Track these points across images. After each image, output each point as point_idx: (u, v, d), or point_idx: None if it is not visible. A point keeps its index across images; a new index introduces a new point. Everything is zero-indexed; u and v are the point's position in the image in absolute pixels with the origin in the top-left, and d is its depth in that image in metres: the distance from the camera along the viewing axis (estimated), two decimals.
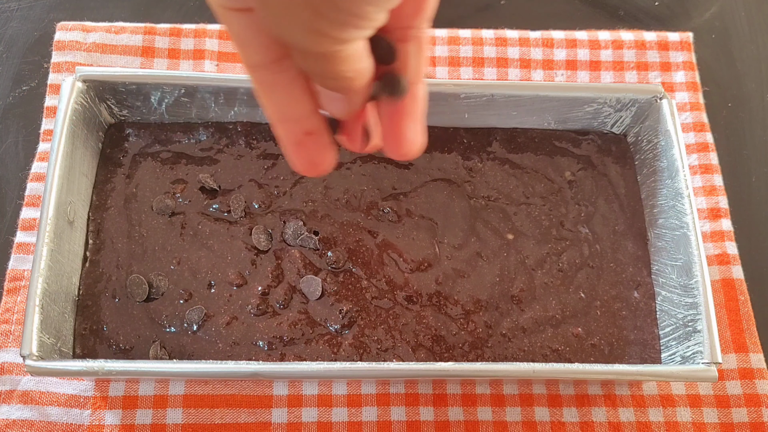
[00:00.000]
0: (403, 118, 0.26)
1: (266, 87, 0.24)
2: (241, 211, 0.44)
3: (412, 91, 0.25)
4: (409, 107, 0.26)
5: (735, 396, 0.43)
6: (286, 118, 0.25)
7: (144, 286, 0.42)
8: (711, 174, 0.50)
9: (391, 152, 0.27)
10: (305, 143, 0.26)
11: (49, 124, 0.49)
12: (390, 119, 0.26)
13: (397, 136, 0.26)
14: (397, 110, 0.26)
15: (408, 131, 0.26)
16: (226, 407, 0.42)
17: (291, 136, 0.26)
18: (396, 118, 0.26)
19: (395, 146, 0.27)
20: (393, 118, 0.26)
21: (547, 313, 0.43)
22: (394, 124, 0.26)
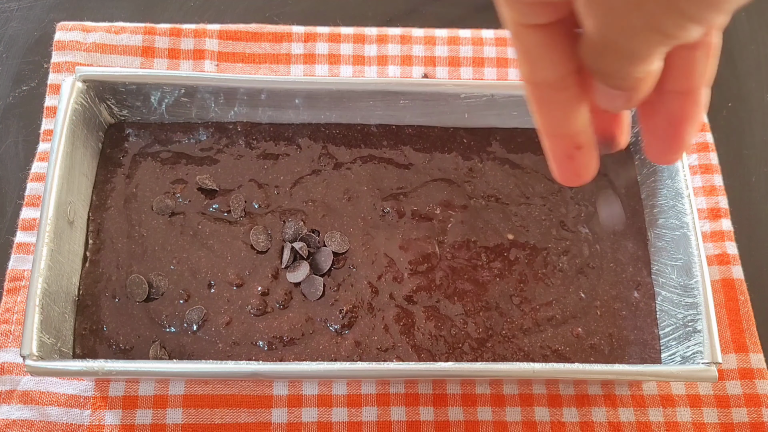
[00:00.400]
0: (686, 122, 0.25)
1: (546, 103, 0.25)
2: (241, 211, 0.44)
3: (697, 97, 0.25)
4: (692, 112, 0.25)
5: (735, 396, 0.43)
6: (560, 133, 0.26)
7: (144, 286, 0.42)
8: (711, 174, 0.50)
9: (657, 155, 0.27)
10: (575, 157, 0.26)
11: (49, 124, 0.49)
12: (669, 124, 0.26)
13: (676, 141, 0.26)
14: (679, 116, 0.25)
15: (687, 136, 0.26)
16: (226, 407, 0.42)
17: (561, 151, 0.26)
18: (677, 123, 0.25)
19: (668, 150, 0.26)
20: (673, 123, 0.25)
21: (547, 313, 0.43)
22: (675, 129, 0.25)
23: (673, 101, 0.25)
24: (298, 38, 0.53)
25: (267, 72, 0.52)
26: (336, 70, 0.52)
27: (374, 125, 0.47)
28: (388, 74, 0.52)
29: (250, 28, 0.53)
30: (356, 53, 0.53)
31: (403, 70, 0.53)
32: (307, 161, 0.46)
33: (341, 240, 0.43)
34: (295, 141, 0.46)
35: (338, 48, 0.53)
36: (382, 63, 0.53)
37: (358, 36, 0.54)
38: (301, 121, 0.47)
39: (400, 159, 0.46)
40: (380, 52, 0.53)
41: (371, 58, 0.53)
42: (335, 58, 0.53)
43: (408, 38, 0.54)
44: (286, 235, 0.43)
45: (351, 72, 0.52)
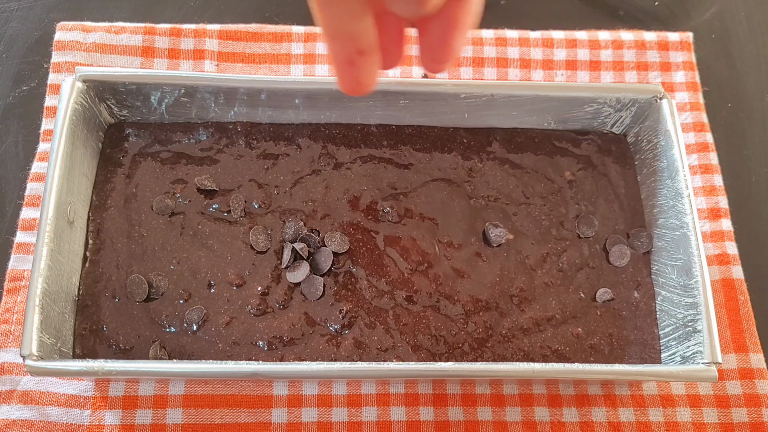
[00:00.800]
0: (456, 30, 0.26)
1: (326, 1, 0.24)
2: (241, 211, 0.44)
3: (469, 4, 0.25)
4: (463, 19, 0.26)
5: (735, 396, 0.43)
6: (342, 34, 0.25)
7: (144, 286, 0.42)
8: (711, 174, 0.50)
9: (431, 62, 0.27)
10: (357, 63, 0.26)
11: (49, 124, 0.49)
12: (442, 29, 0.26)
13: (445, 47, 0.26)
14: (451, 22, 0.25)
15: (456, 42, 0.26)
16: (226, 407, 0.42)
17: (344, 55, 0.26)
18: (449, 30, 0.26)
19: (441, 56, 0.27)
20: (446, 29, 0.26)
21: (547, 313, 0.43)
22: (446, 35, 0.26)
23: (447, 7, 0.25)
24: (298, 38, 0.53)
25: (267, 72, 0.52)
26: None
27: (374, 125, 0.47)
28: (388, 74, 0.52)
29: (250, 28, 0.53)
30: None
31: (403, 70, 0.53)
32: (307, 161, 0.46)
33: (341, 240, 0.43)
34: (295, 141, 0.46)
35: None
36: None
37: None
38: (301, 121, 0.47)
39: (400, 159, 0.46)
40: None
41: None
42: None
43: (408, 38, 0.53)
44: (286, 235, 0.43)
45: None
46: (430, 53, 0.27)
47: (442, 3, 0.25)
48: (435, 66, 0.27)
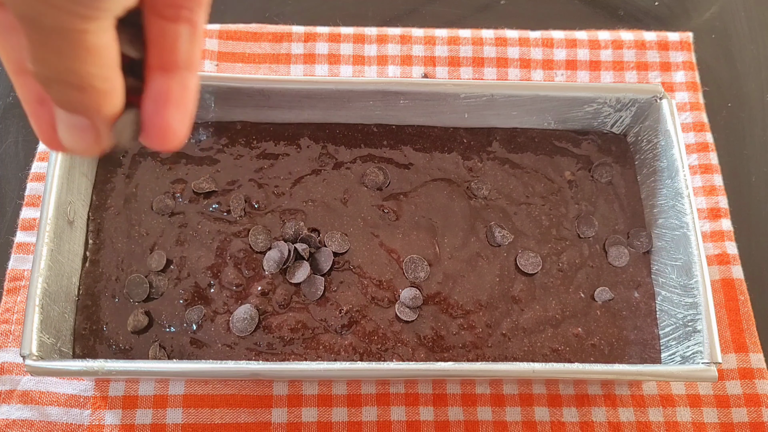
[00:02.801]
0: (168, 105, 0.23)
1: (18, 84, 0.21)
2: (241, 211, 0.44)
3: (181, 78, 0.23)
4: (178, 95, 0.23)
5: (735, 396, 0.43)
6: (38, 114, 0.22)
7: (144, 285, 0.42)
8: (711, 174, 0.50)
9: (151, 142, 0.24)
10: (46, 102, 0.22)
11: None
12: (154, 107, 0.23)
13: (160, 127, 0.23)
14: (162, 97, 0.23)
15: (172, 120, 0.23)
16: (226, 407, 0.42)
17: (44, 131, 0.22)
18: (160, 106, 0.23)
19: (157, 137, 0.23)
20: (157, 106, 0.23)
21: (547, 313, 0.43)
22: (158, 113, 0.23)
23: (157, 79, 0.22)
24: (298, 38, 0.53)
25: (267, 72, 0.52)
26: (336, 70, 0.52)
27: (374, 125, 0.47)
28: (388, 74, 0.52)
29: (250, 28, 0.53)
30: (356, 53, 0.53)
31: (403, 70, 0.53)
32: (307, 161, 0.46)
33: (341, 240, 0.43)
34: (295, 141, 0.46)
35: (338, 48, 0.53)
36: (382, 63, 0.53)
37: (358, 36, 0.54)
38: (301, 121, 0.47)
39: (400, 159, 0.46)
40: (380, 52, 0.53)
41: (371, 58, 0.53)
42: (335, 58, 0.53)
43: (408, 38, 0.54)
44: (286, 235, 0.43)
45: (351, 72, 0.52)
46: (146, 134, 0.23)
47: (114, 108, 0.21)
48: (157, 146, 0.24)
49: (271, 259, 0.42)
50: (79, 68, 0.18)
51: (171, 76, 0.22)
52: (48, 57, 0.18)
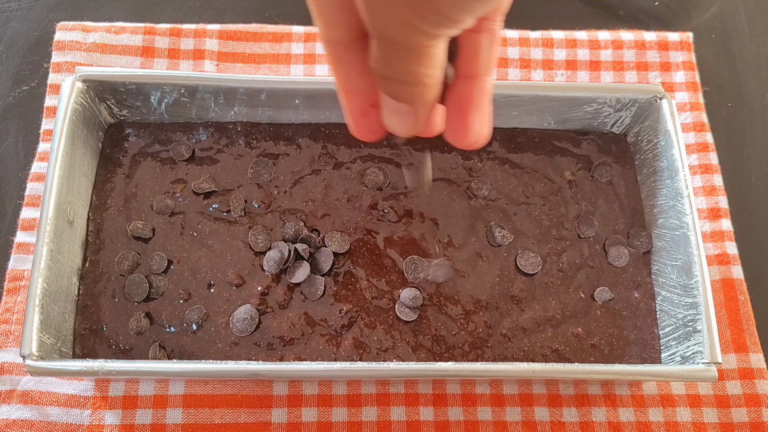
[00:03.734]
0: (470, 108, 0.26)
1: (339, 62, 0.26)
2: (241, 211, 0.44)
3: (481, 83, 0.26)
4: (477, 98, 0.26)
5: (735, 396, 0.43)
6: (354, 91, 0.27)
7: (144, 285, 0.42)
8: (711, 174, 0.50)
9: (455, 141, 0.28)
10: (369, 114, 0.27)
11: (49, 124, 0.49)
12: (457, 109, 0.27)
13: (463, 127, 0.27)
14: (465, 101, 0.26)
15: (474, 122, 0.27)
16: (226, 407, 0.42)
17: (356, 107, 0.28)
18: (463, 109, 0.26)
19: (460, 136, 0.28)
20: (460, 109, 0.26)
21: (547, 313, 0.43)
22: (461, 115, 0.27)
23: (460, 86, 0.26)
24: (298, 38, 0.53)
25: (267, 72, 0.52)
26: None
27: None
28: None
29: (250, 28, 0.53)
30: None
31: None
32: (307, 161, 0.46)
33: (341, 240, 0.43)
34: (295, 141, 0.46)
35: None
36: None
37: None
38: (301, 121, 0.47)
39: (400, 159, 0.46)
40: None
41: None
42: None
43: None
44: (286, 235, 0.43)
45: None
46: (449, 132, 0.28)
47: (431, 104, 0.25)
48: (459, 144, 0.28)
49: (271, 259, 0.42)
50: (416, 70, 0.23)
51: (472, 81, 0.26)
52: (392, 62, 0.23)
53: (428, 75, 0.23)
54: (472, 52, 0.25)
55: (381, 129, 0.28)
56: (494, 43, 0.25)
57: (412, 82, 0.23)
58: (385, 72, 0.23)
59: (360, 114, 0.28)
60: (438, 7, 0.20)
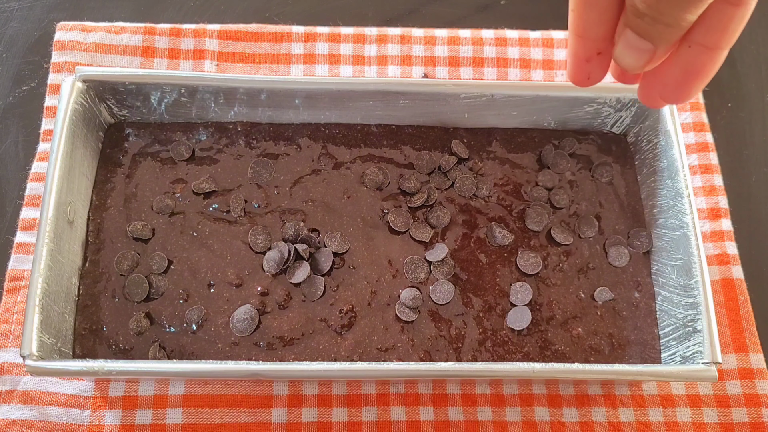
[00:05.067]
0: (701, 77, 0.26)
1: (585, 4, 0.26)
2: (241, 211, 0.44)
3: (719, 56, 0.26)
4: (708, 69, 0.26)
5: (735, 396, 0.43)
6: (588, 35, 0.27)
7: (144, 285, 0.42)
8: (711, 174, 0.50)
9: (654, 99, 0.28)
10: (593, 61, 0.28)
11: (49, 124, 0.49)
12: (686, 73, 0.26)
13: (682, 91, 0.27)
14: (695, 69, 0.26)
15: (694, 91, 0.27)
16: (226, 407, 0.42)
17: (584, 52, 0.28)
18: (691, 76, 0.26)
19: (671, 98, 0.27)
20: (690, 74, 0.26)
21: (548, 313, 0.43)
22: (686, 81, 0.26)
23: (696, 54, 0.25)
24: (298, 38, 0.53)
25: (267, 72, 0.52)
26: (336, 70, 0.52)
27: (374, 125, 0.47)
28: (388, 74, 0.52)
29: (250, 28, 0.53)
30: (356, 53, 0.53)
31: (403, 70, 0.53)
32: (307, 161, 0.46)
33: (341, 240, 0.43)
34: (295, 141, 0.46)
35: (338, 48, 0.53)
36: (382, 63, 0.53)
37: (358, 36, 0.54)
38: (301, 121, 0.47)
39: (400, 159, 0.46)
40: (380, 52, 0.53)
41: (371, 58, 0.53)
42: (335, 58, 0.53)
43: (408, 38, 0.54)
44: (286, 235, 0.43)
45: (351, 72, 0.52)
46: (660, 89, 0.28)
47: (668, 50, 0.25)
48: (657, 102, 0.28)
49: (271, 259, 0.42)
50: (681, 15, 0.23)
51: (710, 53, 0.25)
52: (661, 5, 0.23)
53: (688, 21, 0.23)
54: (721, 23, 0.25)
55: (599, 76, 0.28)
56: (744, 18, 0.25)
57: (671, 23, 0.23)
58: (644, 10, 0.23)
59: (585, 60, 0.28)
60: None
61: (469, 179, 0.46)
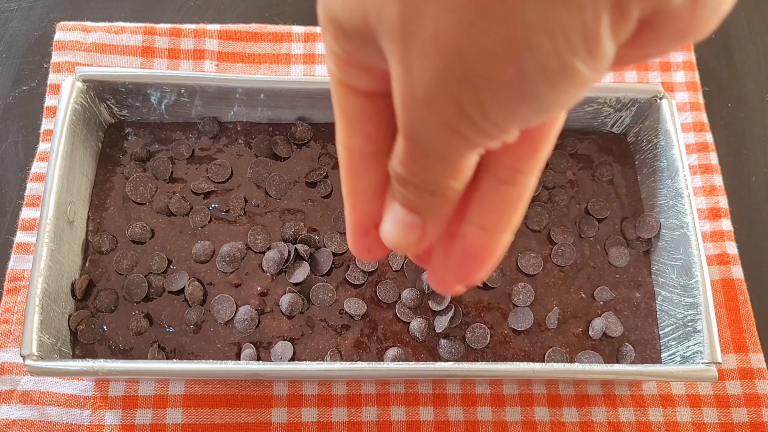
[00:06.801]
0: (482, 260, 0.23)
1: (353, 173, 0.23)
2: (240, 211, 0.44)
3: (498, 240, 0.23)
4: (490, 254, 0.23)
5: (735, 396, 0.43)
6: (361, 207, 0.24)
7: (143, 285, 0.42)
8: (711, 174, 0.50)
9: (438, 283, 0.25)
10: (371, 234, 0.25)
11: (49, 124, 0.49)
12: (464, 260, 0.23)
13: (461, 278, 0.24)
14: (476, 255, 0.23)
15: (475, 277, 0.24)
16: (226, 407, 0.42)
17: (359, 224, 0.25)
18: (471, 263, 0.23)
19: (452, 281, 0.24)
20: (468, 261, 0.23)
21: (548, 313, 0.43)
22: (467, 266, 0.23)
23: (474, 235, 0.22)
24: (298, 38, 0.53)
25: (267, 72, 0.52)
26: None
27: None
28: None
29: (250, 28, 0.53)
30: None
31: None
32: (307, 161, 0.46)
33: (341, 240, 0.43)
34: (294, 141, 0.46)
35: None
36: None
37: None
38: (301, 120, 0.47)
39: None
40: None
41: None
42: None
43: None
44: (285, 235, 0.43)
45: None
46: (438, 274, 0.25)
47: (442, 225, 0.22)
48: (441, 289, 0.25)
49: (270, 259, 0.42)
50: (442, 181, 0.20)
51: (490, 235, 0.22)
52: (418, 166, 0.20)
53: (453, 188, 0.20)
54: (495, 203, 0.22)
55: (381, 251, 0.25)
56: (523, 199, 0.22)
57: (434, 191, 0.20)
58: (405, 175, 0.20)
59: (362, 233, 0.25)
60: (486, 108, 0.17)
61: None
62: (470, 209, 0.22)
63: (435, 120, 0.18)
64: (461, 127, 0.18)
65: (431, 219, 0.22)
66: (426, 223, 0.22)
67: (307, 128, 0.46)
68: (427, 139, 0.19)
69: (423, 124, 0.18)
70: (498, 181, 0.21)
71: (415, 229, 0.22)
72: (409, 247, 0.23)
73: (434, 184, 0.20)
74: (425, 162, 0.20)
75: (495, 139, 0.19)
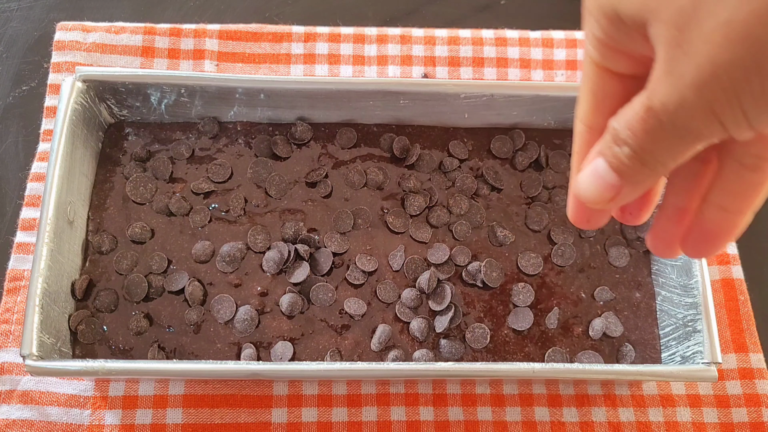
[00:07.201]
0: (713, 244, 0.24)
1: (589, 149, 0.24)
2: (240, 211, 0.44)
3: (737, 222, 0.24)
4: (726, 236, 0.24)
5: (735, 396, 0.43)
6: None
7: (144, 285, 0.42)
8: None
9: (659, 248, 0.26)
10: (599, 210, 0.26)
11: (49, 124, 0.49)
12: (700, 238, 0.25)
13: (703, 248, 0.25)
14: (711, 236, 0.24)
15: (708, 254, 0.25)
16: (226, 407, 0.42)
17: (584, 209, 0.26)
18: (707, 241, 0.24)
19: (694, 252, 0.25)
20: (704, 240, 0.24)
21: (548, 312, 0.43)
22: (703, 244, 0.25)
23: (714, 215, 0.24)
24: (298, 38, 0.53)
25: (267, 72, 0.52)
26: (336, 70, 0.52)
27: (374, 125, 0.47)
28: (388, 74, 0.52)
29: (250, 28, 0.53)
30: (356, 53, 0.53)
31: (403, 70, 0.53)
32: (307, 161, 0.46)
33: (341, 240, 0.43)
34: (294, 141, 0.46)
35: (338, 48, 0.53)
36: (382, 63, 0.53)
37: (358, 36, 0.54)
38: (301, 120, 0.47)
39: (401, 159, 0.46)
40: (380, 52, 0.53)
41: (371, 58, 0.53)
42: (335, 58, 0.53)
43: (408, 38, 0.53)
44: (285, 235, 0.43)
45: (351, 72, 0.52)
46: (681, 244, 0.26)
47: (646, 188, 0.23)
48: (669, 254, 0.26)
49: (270, 259, 0.42)
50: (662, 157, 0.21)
51: (729, 215, 0.23)
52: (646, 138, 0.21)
53: (666, 166, 0.21)
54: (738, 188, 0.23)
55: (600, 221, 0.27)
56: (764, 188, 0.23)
57: (648, 162, 0.21)
58: (627, 139, 0.21)
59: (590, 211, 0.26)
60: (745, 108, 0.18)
61: (469, 179, 0.46)
62: (711, 191, 0.23)
63: (699, 103, 0.18)
64: (725, 116, 0.18)
65: (631, 185, 0.22)
66: (624, 187, 0.22)
67: (307, 128, 0.46)
68: (678, 119, 0.19)
69: (682, 105, 0.19)
70: (742, 167, 0.22)
71: (610, 190, 0.23)
72: (597, 203, 0.23)
73: (653, 157, 0.21)
74: (657, 136, 0.20)
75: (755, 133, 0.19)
